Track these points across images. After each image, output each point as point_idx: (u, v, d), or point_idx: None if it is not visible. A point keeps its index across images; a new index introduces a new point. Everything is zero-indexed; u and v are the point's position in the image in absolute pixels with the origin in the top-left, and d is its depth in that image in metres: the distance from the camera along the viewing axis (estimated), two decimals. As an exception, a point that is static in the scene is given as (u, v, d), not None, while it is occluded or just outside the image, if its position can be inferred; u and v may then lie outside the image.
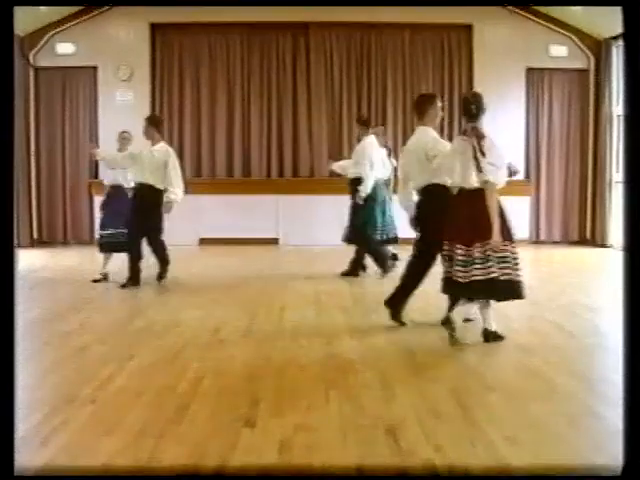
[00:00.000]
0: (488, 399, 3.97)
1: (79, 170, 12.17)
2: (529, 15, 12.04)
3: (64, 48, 11.94)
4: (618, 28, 9.79)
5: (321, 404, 3.87)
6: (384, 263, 8.26)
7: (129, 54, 12.12)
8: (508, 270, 5.10)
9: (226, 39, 12.39)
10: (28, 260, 9.88)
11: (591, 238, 12.22)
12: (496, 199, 5.11)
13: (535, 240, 12.34)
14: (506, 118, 12.18)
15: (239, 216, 11.91)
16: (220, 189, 12.07)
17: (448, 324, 5.19)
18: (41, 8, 10.97)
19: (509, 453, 3.15)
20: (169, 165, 7.81)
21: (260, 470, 3.01)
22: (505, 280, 5.09)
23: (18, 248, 10.76)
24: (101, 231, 8.36)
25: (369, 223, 8.34)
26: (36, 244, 11.92)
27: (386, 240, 8.55)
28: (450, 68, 12.51)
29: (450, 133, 11.95)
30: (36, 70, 12.01)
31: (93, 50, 11.97)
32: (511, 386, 4.25)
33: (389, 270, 8.14)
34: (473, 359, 4.83)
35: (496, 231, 5.01)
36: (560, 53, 12.15)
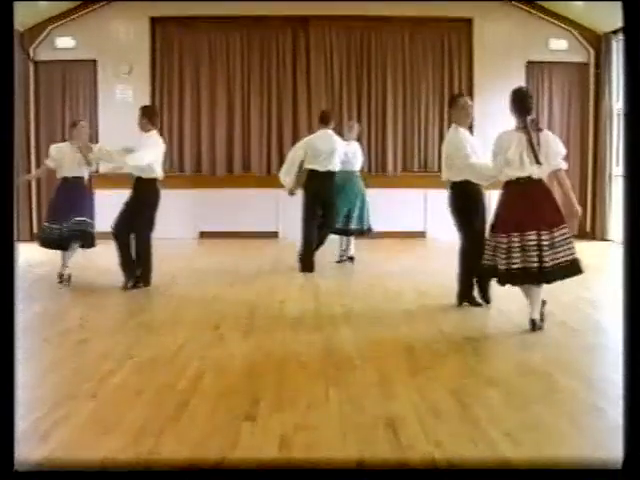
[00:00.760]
0: (488, 396, 3.96)
1: (79, 164, 12.15)
2: (529, 9, 12.03)
3: (64, 42, 11.93)
4: (618, 22, 9.75)
5: (321, 401, 3.87)
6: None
7: (129, 48, 12.10)
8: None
9: (226, 34, 12.38)
10: (27, 254, 9.87)
11: (591, 232, 12.22)
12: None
13: (535, 234, 12.32)
14: (506, 111, 12.12)
15: (239, 210, 11.91)
16: (220, 183, 12.06)
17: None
18: (41, 2, 10.93)
19: (509, 450, 3.15)
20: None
21: (260, 467, 3.01)
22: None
23: (18, 242, 10.74)
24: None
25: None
26: (35, 239, 11.90)
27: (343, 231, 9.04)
28: (450, 62, 12.50)
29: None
30: (36, 64, 12.00)
31: (93, 44, 11.95)
32: (511, 383, 4.25)
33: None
34: (473, 356, 4.83)
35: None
36: (560, 47, 12.13)
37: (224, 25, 12.32)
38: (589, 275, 8.72)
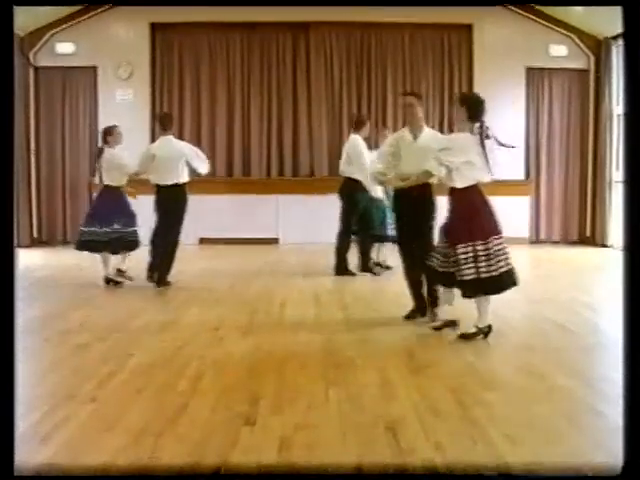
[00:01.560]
0: (488, 397, 3.96)
1: (79, 169, 12.17)
2: (529, 15, 12.05)
3: (64, 48, 11.96)
4: (618, 28, 9.77)
5: (321, 402, 3.87)
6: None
7: (129, 54, 12.14)
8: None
9: (226, 39, 12.42)
10: (28, 260, 9.88)
11: (591, 237, 12.23)
12: None
13: (535, 240, 12.35)
14: (506, 118, 12.19)
15: (239, 216, 11.91)
16: (220, 189, 12.06)
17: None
18: (41, 8, 10.97)
19: (509, 451, 3.15)
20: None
21: (260, 468, 3.00)
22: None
23: (18, 248, 10.75)
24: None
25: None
26: (36, 244, 11.93)
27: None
28: (450, 68, 12.53)
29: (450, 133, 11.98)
30: (36, 70, 12.03)
31: (93, 50, 11.99)
32: (511, 384, 4.26)
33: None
34: (473, 357, 4.82)
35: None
36: (560, 53, 12.16)
37: (224, 30, 12.36)
38: (588, 279, 8.81)
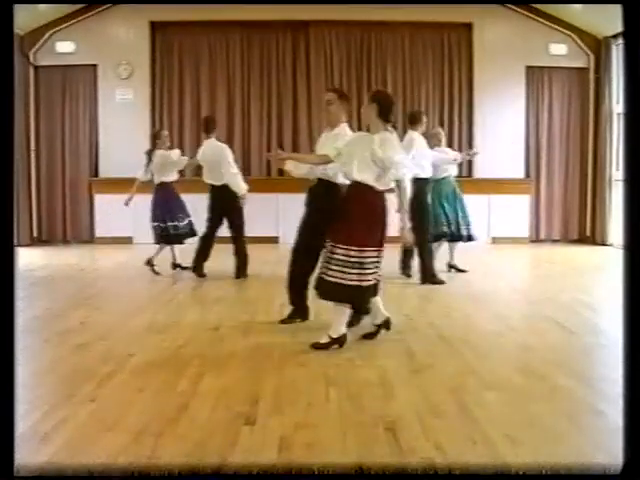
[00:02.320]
0: (488, 397, 3.96)
1: (79, 169, 12.17)
2: (529, 13, 12.04)
3: (64, 47, 11.95)
4: (618, 26, 9.78)
5: (321, 402, 3.87)
6: None
7: (129, 53, 12.13)
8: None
9: (226, 38, 12.40)
10: (28, 259, 9.88)
11: (591, 236, 12.23)
12: None
13: (535, 239, 12.34)
14: (506, 117, 12.22)
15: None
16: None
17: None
18: (41, 6, 10.97)
19: (509, 452, 3.15)
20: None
21: (260, 468, 3.00)
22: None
23: (18, 247, 10.76)
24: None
25: None
26: (36, 243, 11.93)
27: None
28: (450, 67, 12.51)
29: (450, 133, 12.02)
30: (36, 69, 12.01)
31: (93, 49, 11.99)
32: (510, 384, 4.25)
33: None
34: (472, 357, 4.83)
35: None
36: (560, 51, 12.15)
37: (224, 29, 12.34)
38: (588, 278, 8.81)
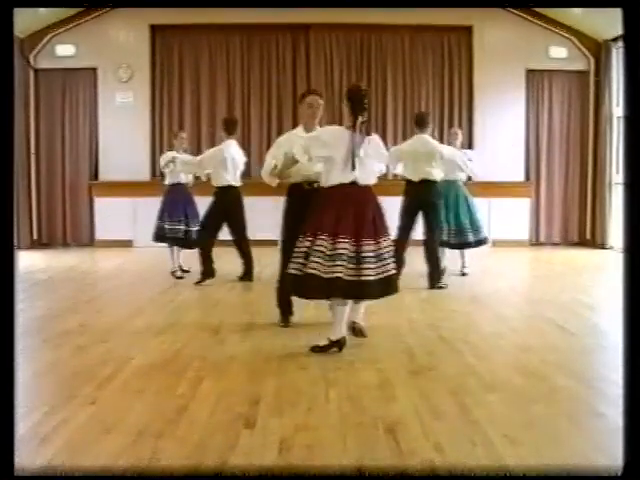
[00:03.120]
0: (488, 398, 3.96)
1: (79, 171, 12.17)
2: (529, 17, 12.06)
3: (64, 50, 11.96)
4: (618, 30, 9.80)
5: (321, 404, 3.87)
6: None
7: (129, 56, 12.14)
8: None
9: (226, 41, 12.42)
10: (28, 261, 9.88)
11: (591, 239, 12.22)
12: None
13: (535, 241, 12.35)
14: (506, 120, 12.22)
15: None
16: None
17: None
18: (41, 10, 10.98)
19: (509, 453, 3.15)
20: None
21: (260, 470, 3.00)
22: None
23: (18, 250, 10.76)
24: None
25: None
26: (36, 245, 11.93)
27: None
28: (450, 70, 12.52)
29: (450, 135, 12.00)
30: (36, 72, 12.02)
31: (93, 52, 12.00)
32: (511, 386, 4.25)
33: None
34: (472, 359, 4.82)
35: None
36: (560, 54, 12.16)
37: (224, 32, 12.35)
38: (588, 281, 8.80)
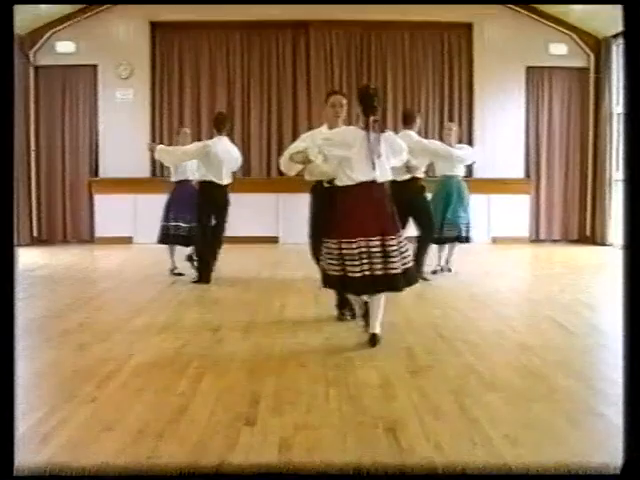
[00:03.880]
0: (488, 398, 3.96)
1: (79, 168, 12.18)
2: (529, 13, 12.05)
3: (64, 47, 11.97)
4: (618, 26, 9.78)
5: (321, 403, 3.87)
6: None
7: (129, 52, 12.14)
8: None
9: (226, 38, 12.42)
10: (28, 259, 9.87)
11: (591, 236, 12.23)
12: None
13: (535, 238, 12.35)
14: (506, 116, 12.22)
15: (239, 215, 11.85)
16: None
17: None
18: (41, 6, 10.98)
19: (509, 452, 3.15)
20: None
21: (260, 469, 3.00)
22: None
23: (18, 247, 10.75)
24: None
25: None
26: (36, 243, 11.93)
27: None
28: (450, 67, 12.53)
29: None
30: (36, 69, 12.02)
31: (93, 49, 12.00)
32: (511, 385, 4.24)
33: None
34: (472, 358, 4.82)
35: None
36: (560, 51, 12.16)
37: (224, 29, 12.36)
38: (588, 278, 8.80)
